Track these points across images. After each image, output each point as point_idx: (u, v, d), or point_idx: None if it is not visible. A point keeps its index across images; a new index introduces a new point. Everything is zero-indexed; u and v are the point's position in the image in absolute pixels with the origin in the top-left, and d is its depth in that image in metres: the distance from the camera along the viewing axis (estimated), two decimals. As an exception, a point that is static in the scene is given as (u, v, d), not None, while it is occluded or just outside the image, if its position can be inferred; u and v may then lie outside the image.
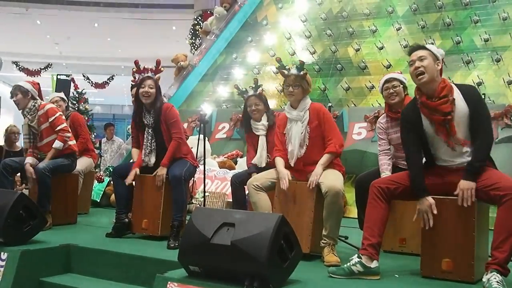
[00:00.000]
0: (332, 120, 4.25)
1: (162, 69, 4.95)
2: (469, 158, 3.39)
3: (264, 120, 4.97)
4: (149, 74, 4.88)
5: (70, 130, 5.45)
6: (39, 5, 18.00)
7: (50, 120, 5.26)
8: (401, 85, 4.38)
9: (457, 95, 3.43)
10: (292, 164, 4.16)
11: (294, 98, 4.19)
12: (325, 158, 4.04)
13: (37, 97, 5.38)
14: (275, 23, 9.83)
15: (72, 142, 5.41)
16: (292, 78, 4.18)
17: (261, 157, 4.88)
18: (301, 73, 4.19)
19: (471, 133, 3.41)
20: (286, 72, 4.23)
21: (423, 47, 3.53)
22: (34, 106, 5.29)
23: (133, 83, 5.26)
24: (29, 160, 5.27)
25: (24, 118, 5.34)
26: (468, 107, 3.40)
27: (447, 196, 3.40)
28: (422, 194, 3.41)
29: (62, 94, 6.59)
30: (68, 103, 6.63)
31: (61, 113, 5.47)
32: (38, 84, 5.53)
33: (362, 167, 6.77)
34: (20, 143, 8.20)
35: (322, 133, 4.12)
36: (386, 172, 4.31)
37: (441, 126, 3.42)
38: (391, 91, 4.38)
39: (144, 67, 4.97)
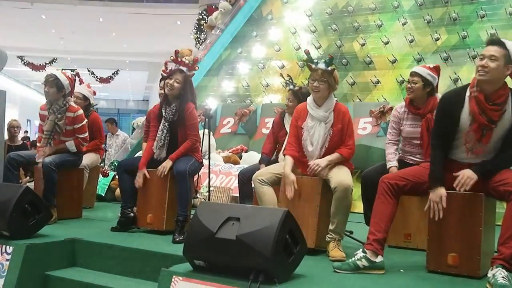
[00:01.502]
0: (352, 125, 4.17)
1: (197, 67, 4.81)
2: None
3: None
4: (183, 68, 4.75)
5: (88, 140, 5.46)
6: (44, 0, 18.00)
7: (76, 126, 5.24)
8: (422, 82, 4.25)
9: (509, 107, 3.33)
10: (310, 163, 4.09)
11: (319, 94, 4.05)
12: (334, 156, 3.99)
13: (68, 94, 5.26)
14: (280, 17, 9.81)
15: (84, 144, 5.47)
16: (319, 72, 4.04)
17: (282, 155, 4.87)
18: (329, 68, 4.06)
19: (502, 143, 3.36)
20: (313, 66, 4.08)
21: (502, 44, 3.29)
22: (64, 105, 5.20)
23: (163, 74, 4.96)
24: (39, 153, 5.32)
25: (50, 113, 5.21)
26: (511, 120, 3.32)
27: (455, 190, 3.38)
28: (437, 184, 3.37)
29: (86, 91, 6.27)
30: (90, 102, 6.28)
31: (86, 120, 5.43)
32: (74, 80, 5.40)
33: (367, 162, 6.76)
34: (20, 137, 8.23)
35: (342, 137, 4.06)
36: (392, 161, 4.30)
37: (479, 129, 3.34)
38: (409, 85, 4.32)
39: (182, 59, 4.79)
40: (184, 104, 4.71)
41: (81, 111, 5.33)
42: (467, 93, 3.39)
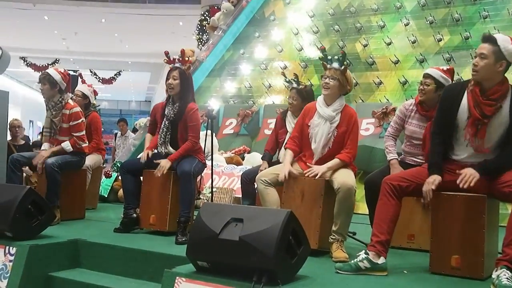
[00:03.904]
0: (358, 131, 4.16)
1: (187, 58, 4.88)
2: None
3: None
4: (177, 64, 4.83)
5: (85, 139, 5.39)
6: (47, 1, 18.02)
7: (72, 124, 5.22)
8: (435, 85, 4.22)
9: (507, 103, 3.32)
10: (313, 162, 4.10)
11: (329, 92, 4.07)
12: (334, 162, 3.99)
13: (64, 90, 5.26)
14: (283, 18, 9.80)
15: (85, 144, 5.39)
16: (332, 71, 4.08)
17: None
18: (342, 67, 4.09)
19: (503, 141, 3.34)
20: (328, 65, 4.12)
21: (493, 40, 3.32)
22: (60, 102, 5.21)
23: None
24: (45, 146, 5.31)
25: (47, 110, 5.27)
26: (510, 118, 3.31)
27: (458, 192, 3.37)
28: (436, 171, 3.39)
29: (87, 90, 6.33)
30: (90, 101, 6.33)
31: (84, 119, 5.41)
32: (69, 75, 5.39)
33: (369, 163, 6.76)
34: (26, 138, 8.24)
35: (345, 139, 4.06)
36: (393, 153, 4.30)
37: (474, 124, 3.34)
38: (421, 87, 4.30)
39: (173, 58, 4.89)
40: (186, 104, 4.73)
41: (77, 109, 5.30)
42: (468, 87, 3.41)
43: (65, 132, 5.27)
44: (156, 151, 4.89)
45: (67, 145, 5.22)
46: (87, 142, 5.47)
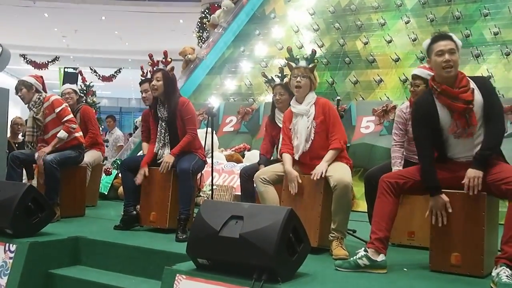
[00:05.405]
0: (338, 116, 4.18)
1: (169, 59, 4.93)
2: None
3: None
4: (160, 66, 4.87)
5: (76, 122, 5.46)
6: (47, -2, 18.04)
7: (57, 111, 5.27)
8: (424, 84, 4.27)
9: (473, 86, 3.41)
10: (297, 158, 4.13)
11: (301, 91, 4.13)
12: (330, 154, 4.00)
13: (41, 90, 5.40)
14: (283, 16, 9.80)
15: (79, 134, 5.41)
16: (302, 69, 4.14)
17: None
18: (310, 65, 4.15)
19: (484, 123, 3.39)
20: (294, 64, 4.18)
21: (451, 38, 3.44)
22: (39, 99, 5.32)
23: (142, 78, 5.29)
24: (39, 152, 5.30)
25: (30, 111, 5.34)
26: (482, 97, 3.38)
27: (457, 189, 3.37)
28: (435, 192, 3.38)
29: (74, 86, 6.59)
30: (79, 96, 6.61)
31: (67, 104, 5.47)
32: (42, 77, 5.54)
33: (370, 160, 6.76)
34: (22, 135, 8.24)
35: (327, 128, 4.08)
36: (398, 167, 4.29)
37: (461, 115, 3.36)
38: (412, 89, 4.38)
39: (156, 60, 4.95)
40: (176, 101, 4.74)
41: (55, 97, 5.40)
42: (434, 94, 3.46)
43: (54, 124, 5.29)
44: (158, 152, 4.87)
45: (62, 134, 5.24)
46: (77, 126, 5.46)
